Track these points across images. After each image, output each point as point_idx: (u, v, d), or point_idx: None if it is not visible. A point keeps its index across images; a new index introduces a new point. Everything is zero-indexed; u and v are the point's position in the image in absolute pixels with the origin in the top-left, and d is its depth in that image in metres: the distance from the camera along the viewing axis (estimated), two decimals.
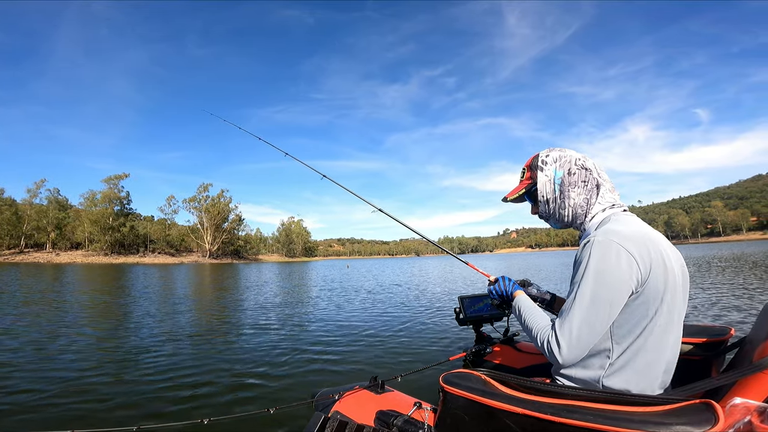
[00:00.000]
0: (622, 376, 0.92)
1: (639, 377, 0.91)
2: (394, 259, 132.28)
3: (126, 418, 2.58)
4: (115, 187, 66.91)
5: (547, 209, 1.10)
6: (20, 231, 56.58)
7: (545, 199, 1.09)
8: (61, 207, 63.99)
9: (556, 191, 1.07)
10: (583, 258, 0.92)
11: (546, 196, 1.09)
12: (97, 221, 61.11)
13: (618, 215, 1.02)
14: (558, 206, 1.08)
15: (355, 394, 1.33)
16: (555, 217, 1.10)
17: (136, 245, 68.74)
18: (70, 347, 4.45)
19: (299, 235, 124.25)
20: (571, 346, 0.89)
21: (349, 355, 4.41)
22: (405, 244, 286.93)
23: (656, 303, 0.89)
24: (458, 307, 1.66)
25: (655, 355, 0.92)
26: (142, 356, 4.15)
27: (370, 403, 1.25)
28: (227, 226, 79.41)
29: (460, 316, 1.65)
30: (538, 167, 1.11)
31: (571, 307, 0.90)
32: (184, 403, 2.87)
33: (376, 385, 1.35)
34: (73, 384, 3.20)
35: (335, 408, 1.27)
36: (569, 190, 1.06)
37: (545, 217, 1.13)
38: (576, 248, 1.04)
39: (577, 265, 0.94)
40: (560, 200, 1.07)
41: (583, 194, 1.05)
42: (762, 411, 0.62)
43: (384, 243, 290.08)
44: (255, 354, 4.38)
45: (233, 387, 3.27)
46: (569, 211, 1.06)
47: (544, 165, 1.10)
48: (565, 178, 1.06)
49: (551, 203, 1.09)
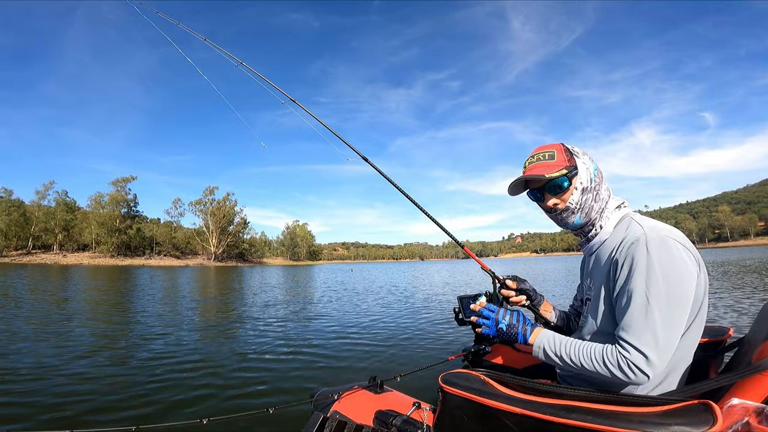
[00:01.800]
0: (667, 381, 0.88)
1: (672, 381, 0.88)
2: (398, 263, 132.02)
3: (125, 418, 2.59)
4: (122, 189, 67.65)
5: (580, 200, 0.99)
6: (28, 232, 57.30)
7: (582, 187, 0.99)
8: (69, 209, 64.73)
9: (593, 182, 1.00)
10: (639, 258, 0.83)
11: (585, 183, 0.99)
12: (105, 223, 61.73)
13: (634, 215, 0.98)
14: (593, 198, 0.99)
15: (354, 393, 1.33)
16: (584, 211, 1.00)
17: (142, 247, 69.26)
18: (69, 346, 4.46)
19: (304, 239, 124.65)
20: (660, 354, 0.79)
21: (348, 355, 4.40)
22: (409, 249, 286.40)
23: (698, 302, 0.87)
24: (457, 307, 1.61)
25: (688, 357, 0.89)
26: (141, 356, 4.13)
27: (369, 403, 1.24)
28: (232, 229, 79.85)
29: (459, 316, 1.58)
30: (574, 154, 1.01)
31: (645, 313, 0.80)
32: (183, 403, 2.86)
33: (375, 385, 1.34)
34: (72, 384, 3.20)
35: (334, 408, 1.26)
36: (600, 185, 1.01)
37: (569, 211, 1.00)
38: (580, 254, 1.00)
39: (628, 267, 0.84)
40: (595, 192, 0.99)
41: (606, 191, 1.02)
42: (760, 412, 0.62)
43: (389, 247, 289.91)
44: (254, 354, 4.38)
45: (232, 387, 3.26)
46: (599, 205, 1.00)
47: (579, 154, 1.02)
48: (599, 170, 1.02)
49: (586, 193, 0.99)
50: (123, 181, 68.20)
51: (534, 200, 1.08)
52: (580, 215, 1.00)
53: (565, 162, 0.99)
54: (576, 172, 0.99)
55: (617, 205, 1.01)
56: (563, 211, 1.01)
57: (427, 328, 5.83)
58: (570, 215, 1.00)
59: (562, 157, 1.00)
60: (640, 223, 0.90)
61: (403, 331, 5.55)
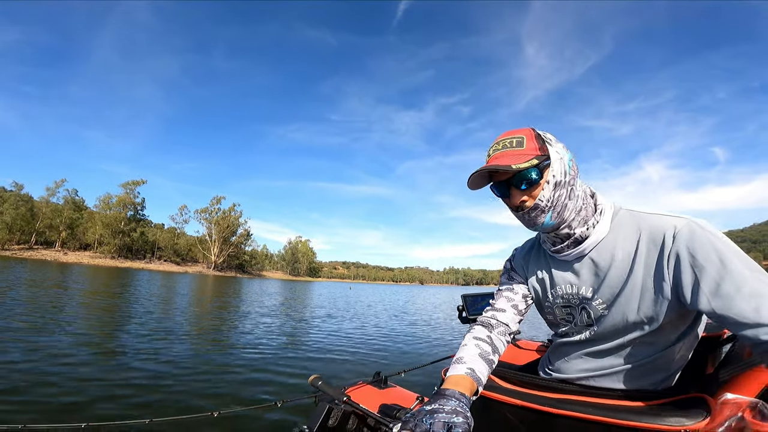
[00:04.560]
0: (668, 377, 0.86)
1: (672, 377, 0.86)
2: (397, 286, 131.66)
3: (138, 411, 2.64)
4: (131, 192, 68.46)
5: (552, 197, 0.81)
6: (33, 228, 57.61)
7: (555, 181, 0.81)
8: (77, 207, 65.30)
9: (567, 175, 0.82)
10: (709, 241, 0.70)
11: (557, 177, 0.81)
12: (109, 224, 62.13)
13: (630, 206, 0.88)
14: (566, 194, 0.82)
15: (359, 388, 1.35)
16: (556, 210, 0.82)
17: (144, 251, 69.27)
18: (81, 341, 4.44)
19: (305, 255, 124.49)
20: None
21: (353, 353, 4.55)
22: (410, 272, 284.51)
23: None
24: (461, 305, 1.64)
25: (688, 355, 0.88)
26: (153, 352, 4.21)
27: (373, 398, 1.27)
28: (235, 240, 79.99)
29: (463, 314, 1.62)
30: (546, 141, 0.83)
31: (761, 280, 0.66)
32: (195, 397, 2.97)
33: (379, 381, 1.39)
34: (84, 378, 3.22)
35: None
36: (575, 179, 0.85)
37: (538, 210, 0.82)
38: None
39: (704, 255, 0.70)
40: (569, 187, 0.83)
41: (582, 186, 0.88)
42: (754, 406, 0.62)
43: (389, 269, 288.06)
44: (262, 352, 4.50)
45: (242, 382, 3.42)
46: (574, 203, 0.84)
47: (551, 141, 0.84)
48: (573, 163, 0.85)
49: (560, 188, 0.81)
50: (133, 184, 69.13)
51: (498, 195, 0.88)
52: (552, 215, 0.83)
53: (536, 150, 0.81)
54: (548, 162, 0.81)
55: (601, 201, 0.88)
56: (532, 209, 0.82)
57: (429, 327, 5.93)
58: (540, 214, 0.83)
59: (532, 144, 0.82)
60: (659, 213, 0.81)
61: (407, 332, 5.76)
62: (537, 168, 0.80)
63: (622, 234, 0.83)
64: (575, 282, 0.89)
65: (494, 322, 0.95)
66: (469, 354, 0.85)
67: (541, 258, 0.98)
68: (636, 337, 0.82)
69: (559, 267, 0.92)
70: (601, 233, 0.85)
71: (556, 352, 1.00)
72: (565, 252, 0.89)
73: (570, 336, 0.94)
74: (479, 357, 0.85)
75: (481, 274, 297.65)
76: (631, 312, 0.80)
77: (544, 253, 0.97)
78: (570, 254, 0.88)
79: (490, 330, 0.94)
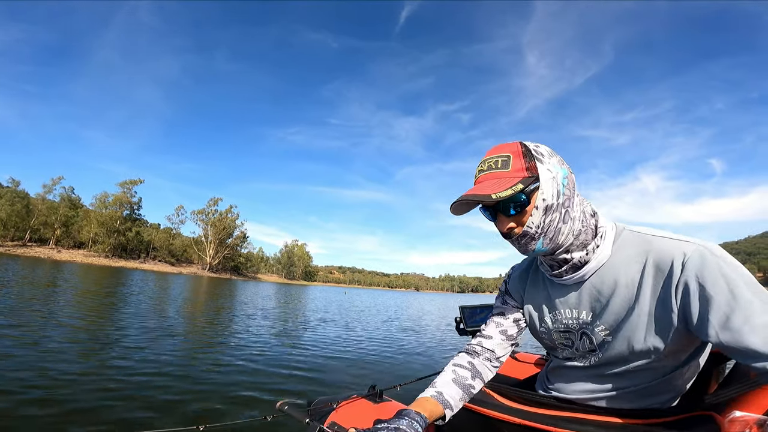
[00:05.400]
0: (675, 396, 0.82)
1: (678, 396, 0.84)
2: (392, 292, 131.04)
3: (120, 424, 2.54)
4: (128, 191, 68.17)
5: (542, 222, 0.73)
6: (27, 224, 57.22)
7: (546, 205, 0.73)
8: (73, 205, 64.95)
9: (561, 196, 0.74)
10: (720, 269, 0.66)
11: (549, 200, 0.73)
12: (105, 223, 61.74)
13: (634, 227, 0.81)
14: (560, 218, 0.74)
15: (353, 403, 1.29)
16: (548, 236, 0.75)
17: (138, 251, 68.88)
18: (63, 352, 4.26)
19: (301, 259, 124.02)
20: None
21: (348, 365, 4.43)
22: (405, 278, 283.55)
23: None
24: (459, 317, 1.59)
25: (695, 375, 0.85)
26: (136, 361, 4.05)
27: (367, 413, 1.19)
28: (231, 242, 79.65)
29: (461, 326, 1.57)
30: (536, 157, 0.74)
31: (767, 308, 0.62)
32: (180, 410, 2.83)
33: (374, 395, 1.31)
34: (64, 388, 3.06)
35: (332, 417, 1.19)
36: (571, 198, 0.76)
37: (528, 237, 0.75)
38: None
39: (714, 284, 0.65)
40: (564, 210, 0.74)
41: (581, 205, 0.79)
42: (762, 424, 0.62)
43: (385, 275, 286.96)
44: (252, 363, 4.38)
45: (230, 395, 3.28)
46: (569, 226, 0.76)
47: (542, 157, 0.74)
48: (570, 181, 0.76)
49: (551, 213, 0.73)
50: (130, 183, 68.86)
51: (488, 219, 0.81)
52: (543, 241, 0.75)
53: (522, 171, 0.72)
54: (537, 185, 0.72)
55: (602, 222, 0.81)
56: (521, 236, 0.75)
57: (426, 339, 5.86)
58: (530, 241, 0.75)
59: (519, 163, 0.73)
60: (667, 236, 0.75)
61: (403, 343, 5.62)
62: (523, 192, 0.72)
63: (626, 258, 0.76)
64: (575, 307, 0.84)
65: (479, 349, 0.94)
66: (442, 380, 0.87)
67: (539, 281, 0.91)
68: (642, 363, 0.77)
69: (558, 291, 0.86)
70: (602, 258, 0.78)
71: (555, 373, 0.95)
72: (564, 276, 0.82)
73: (571, 360, 0.89)
74: (452, 382, 0.86)
75: (477, 282, 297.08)
76: (638, 341, 0.75)
77: (542, 276, 0.90)
78: (569, 279, 0.82)
79: (474, 357, 0.93)
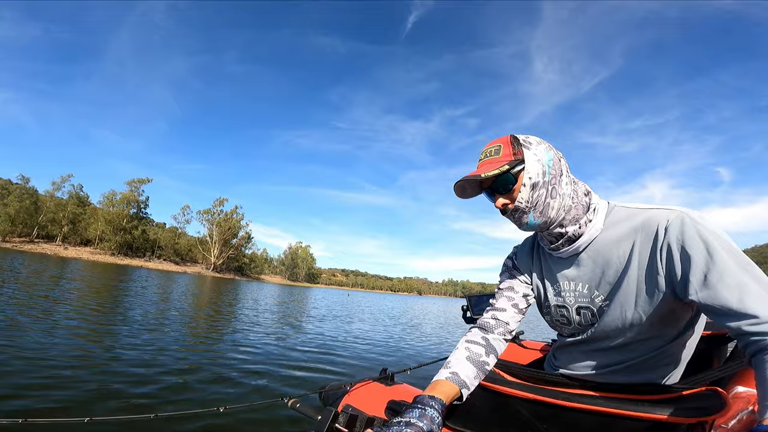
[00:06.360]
0: (673, 373, 0.85)
1: (677, 373, 0.87)
2: (395, 296, 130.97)
3: (143, 405, 2.66)
4: (136, 190, 68.81)
5: (531, 197, 0.84)
6: (35, 221, 57.84)
7: (532, 182, 0.84)
8: (81, 203, 65.61)
9: (547, 175, 0.85)
10: (701, 235, 0.71)
11: (534, 178, 0.84)
12: (112, 221, 62.34)
13: (625, 202, 0.88)
14: (547, 193, 0.85)
15: (366, 386, 1.33)
16: (537, 209, 0.85)
17: (144, 249, 69.36)
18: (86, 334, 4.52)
19: (304, 261, 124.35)
20: None
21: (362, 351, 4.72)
22: (408, 282, 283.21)
23: None
24: (465, 305, 1.65)
25: (690, 352, 0.88)
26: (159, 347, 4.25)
27: (380, 395, 1.25)
28: (236, 242, 80.00)
29: (467, 314, 1.63)
30: (523, 145, 0.86)
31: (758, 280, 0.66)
32: (201, 392, 2.99)
33: (386, 378, 1.35)
34: (90, 371, 3.21)
35: (345, 400, 1.24)
36: (560, 178, 0.86)
37: (520, 211, 0.86)
38: None
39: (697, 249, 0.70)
40: (550, 186, 0.85)
41: (571, 185, 0.88)
42: None
43: (388, 279, 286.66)
44: (268, 350, 4.60)
45: (248, 378, 3.46)
46: (559, 201, 0.86)
47: (530, 145, 0.87)
48: (555, 162, 0.87)
49: (538, 189, 0.84)
50: (138, 182, 69.51)
51: (489, 200, 0.93)
52: (534, 214, 0.86)
53: (510, 156, 0.85)
54: (523, 166, 0.85)
55: (595, 200, 0.90)
56: (514, 210, 0.87)
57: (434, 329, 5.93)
58: (522, 215, 0.86)
59: (507, 150, 0.86)
60: (651, 207, 0.83)
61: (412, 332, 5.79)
62: (509, 173, 0.84)
63: (617, 230, 0.84)
64: (573, 279, 0.91)
65: (493, 323, 0.97)
66: (456, 359, 0.90)
67: (540, 256, 1.00)
68: (638, 331, 0.82)
69: (557, 264, 0.94)
70: (594, 231, 0.86)
71: (560, 350, 1.00)
72: (561, 249, 0.91)
73: (572, 335, 0.95)
74: (466, 360, 0.89)
75: (480, 287, 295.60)
76: (630, 307, 0.81)
77: (542, 251, 0.99)
78: (566, 251, 0.90)
79: (487, 332, 0.96)
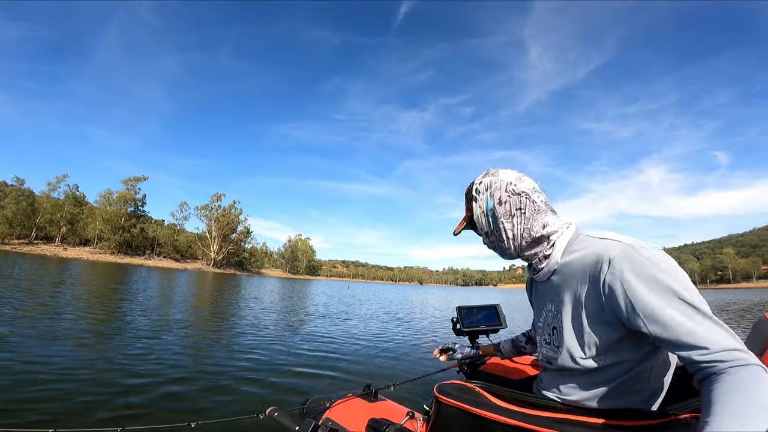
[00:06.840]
0: (653, 401, 0.86)
1: (656, 401, 0.86)
2: (396, 285, 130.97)
3: (111, 418, 2.54)
4: (132, 188, 68.56)
5: (488, 242, 1.01)
6: (33, 222, 57.76)
7: (483, 231, 1.01)
8: (77, 203, 65.39)
9: (490, 223, 0.98)
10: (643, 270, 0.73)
11: (483, 228, 1.00)
12: (110, 220, 62.24)
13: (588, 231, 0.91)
14: (496, 239, 0.98)
15: (348, 401, 1.32)
16: (498, 250, 1.00)
17: (144, 247, 69.44)
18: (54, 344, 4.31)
19: (304, 253, 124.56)
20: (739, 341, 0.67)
21: (344, 364, 4.40)
22: (409, 272, 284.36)
23: None
24: (456, 317, 1.65)
25: (669, 379, 0.88)
26: (129, 356, 4.02)
27: (362, 411, 1.24)
28: (235, 237, 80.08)
29: (457, 326, 1.63)
30: (473, 197, 1.01)
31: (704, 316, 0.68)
32: (172, 406, 2.82)
33: (369, 394, 1.35)
34: (55, 383, 3.07)
35: (326, 415, 1.24)
36: (503, 222, 0.96)
37: (491, 249, 1.02)
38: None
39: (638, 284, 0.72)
40: (497, 232, 0.97)
41: (522, 223, 0.94)
42: None
43: (388, 269, 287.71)
44: (247, 360, 4.34)
45: (223, 391, 3.22)
46: (509, 243, 0.96)
47: (477, 194, 1.00)
48: (496, 208, 0.96)
49: (489, 236, 0.99)
50: (134, 181, 69.23)
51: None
52: (499, 252, 1.02)
53: (467, 211, 1.03)
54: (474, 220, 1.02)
55: (563, 227, 0.93)
56: (488, 247, 1.04)
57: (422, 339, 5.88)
58: (494, 249, 1.02)
59: (466, 205, 1.04)
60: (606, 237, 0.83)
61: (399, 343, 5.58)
62: (468, 227, 1.06)
63: (572, 261, 0.88)
64: (543, 305, 1.01)
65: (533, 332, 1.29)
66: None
67: (531, 281, 1.11)
68: (595, 357, 0.84)
69: (537, 288, 1.06)
70: (553, 263, 0.92)
71: (544, 374, 1.04)
72: (535, 275, 1.00)
73: (545, 358, 1.00)
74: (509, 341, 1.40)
75: (481, 275, 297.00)
76: (584, 334, 0.85)
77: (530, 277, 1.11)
78: (538, 276, 0.99)
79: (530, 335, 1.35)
